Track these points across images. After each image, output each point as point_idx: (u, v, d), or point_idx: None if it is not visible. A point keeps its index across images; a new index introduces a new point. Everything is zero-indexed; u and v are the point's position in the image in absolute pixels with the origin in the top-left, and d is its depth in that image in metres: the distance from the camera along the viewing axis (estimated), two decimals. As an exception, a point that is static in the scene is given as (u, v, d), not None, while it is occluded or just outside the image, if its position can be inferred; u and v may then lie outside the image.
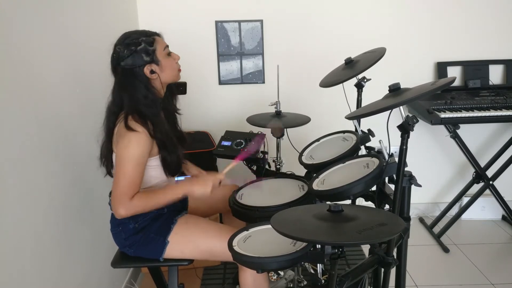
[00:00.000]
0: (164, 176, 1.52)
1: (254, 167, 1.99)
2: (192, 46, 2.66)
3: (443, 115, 2.39)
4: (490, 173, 2.66)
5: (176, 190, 1.46)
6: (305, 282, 1.94)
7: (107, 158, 1.51)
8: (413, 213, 3.03)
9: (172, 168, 1.51)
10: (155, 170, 1.49)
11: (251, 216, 1.54)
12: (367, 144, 1.72)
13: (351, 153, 1.64)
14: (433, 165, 2.96)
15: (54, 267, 1.44)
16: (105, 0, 2.09)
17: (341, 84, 1.72)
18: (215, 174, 1.52)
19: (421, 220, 2.98)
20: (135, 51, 1.40)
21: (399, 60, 2.70)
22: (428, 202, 3.06)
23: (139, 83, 1.42)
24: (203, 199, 1.72)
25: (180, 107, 1.67)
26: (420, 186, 1.37)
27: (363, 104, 1.69)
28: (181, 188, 1.47)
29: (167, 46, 1.50)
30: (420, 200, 3.03)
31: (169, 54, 1.50)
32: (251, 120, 2.00)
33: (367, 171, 1.37)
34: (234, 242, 1.27)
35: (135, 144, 1.36)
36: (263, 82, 2.76)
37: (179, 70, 1.55)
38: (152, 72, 1.43)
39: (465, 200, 2.81)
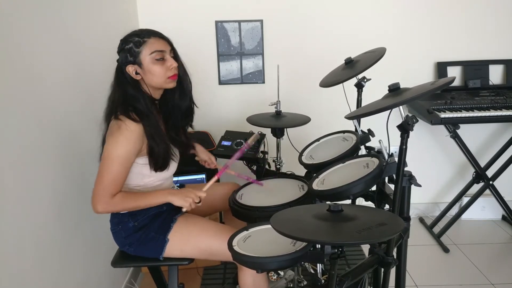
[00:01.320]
0: (154, 174, 1.50)
1: (254, 167, 1.99)
2: (192, 46, 2.66)
3: (443, 115, 2.39)
4: (490, 173, 2.66)
5: (156, 197, 1.45)
6: (305, 282, 1.94)
7: None
8: (413, 213, 3.03)
9: (159, 161, 1.47)
10: (146, 168, 1.48)
11: (251, 216, 1.54)
12: (367, 144, 1.72)
13: (351, 153, 1.64)
14: (433, 165, 2.96)
15: (54, 267, 1.44)
16: (105, 0, 2.09)
17: (341, 84, 1.72)
18: (195, 191, 1.49)
19: (421, 220, 2.99)
20: (123, 49, 1.42)
21: (399, 60, 2.70)
22: (428, 202, 3.06)
23: (126, 79, 1.43)
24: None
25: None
26: (420, 186, 1.37)
27: (363, 104, 1.69)
28: (161, 197, 1.45)
29: (160, 51, 1.42)
30: (420, 200, 3.03)
31: (161, 59, 1.43)
32: (251, 120, 2.00)
33: (367, 171, 1.37)
34: (234, 242, 1.27)
35: (123, 142, 1.36)
36: (263, 82, 2.76)
37: (172, 78, 1.47)
38: (136, 73, 1.43)
39: (465, 200, 2.81)
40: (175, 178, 2.11)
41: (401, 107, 1.22)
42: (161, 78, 1.45)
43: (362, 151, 1.73)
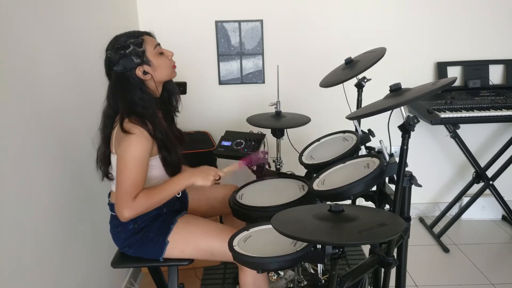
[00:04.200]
0: (160, 176, 1.51)
1: (254, 167, 1.99)
2: (192, 46, 2.66)
3: (443, 115, 2.39)
4: (490, 173, 2.67)
5: (178, 183, 1.45)
6: (305, 282, 1.94)
7: (103, 162, 1.51)
8: (413, 213, 3.03)
9: (172, 168, 1.50)
10: (155, 170, 1.49)
11: (251, 216, 1.54)
12: (367, 144, 1.72)
13: (351, 153, 1.64)
14: (433, 165, 2.96)
15: (54, 267, 1.44)
16: (105, 0, 2.09)
17: (341, 84, 1.72)
18: (216, 169, 1.50)
19: (421, 220, 2.99)
20: (125, 55, 1.39)
21: (399, 60, 2.70)
22: (428, 202, 3.06)
23: (132, 86, 1.41)
24: (203, 198, 1.75)
25: (180, 107, 1.66)
26: (420, 186, 1.37)
27: (363, 104, 1.69)
28: (182, 181, 1.45)
29: (158, 44, 1.47)
30: (420, 200, 3.03)
31: (161, 52, 1.47)
32: (251, 120, 2.00)
33: (368, 171, 1.37)
34: (235, 242, 1.27)
35: (135, 145, 1.35)
36: (263, 82, 2.75)
37: (174, 67, 1.52)
38: (144, 73, 1.42)
39: (465, 200, 2.81)
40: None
41: (402, 107, 1.22)
42: (168, 68, 1.49)
43: (363, 151, 1.72)
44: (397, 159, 1.31)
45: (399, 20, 2.69)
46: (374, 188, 1.55)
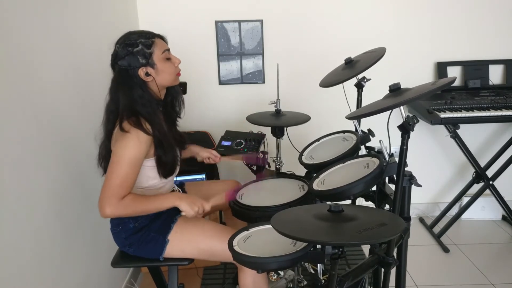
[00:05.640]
0: (159, 176, 1.51)
1: (254, 167, 1.99)
2: (192, 46, 2.66)
3: (443, 115, 2.39)
4: (490, 173, 2.66)
5: (165, 201, 1.43)
6: (305, 282, 1.94)
7: (105, 158, 1.51)
8: (413, 213, 3.03)
9: (166, 169, 1.49)
10: (152, 171, 1.48)
11: (251, 216, 1.54)
12: (367, 144, 1.72)
13: (351, 153, 1.64)
14: (433, 165, 2.96)
15: (54, 267, 1.44)
16: (105, 0, 2.09)
17: (341, 84, 1.72)
18: (203, 201, 1.48)
19: (421, 220, 2.99)
20: (132, 53, 1.40)
21: (399, 60, 2.70)
22: (428, 202, 3.06)
23: (134, 84, 1.42)
24: (203, 194, 1.74)
25: (183, 113, 1.66)
26: (420, 186, 1.37)
27: (363, 104, 1.69)
28: (170, 201, 1.44)
29: (168, 49, 1.48)
30: (420, 200, 3.03)
31: (169, 58, 1.48)
32: (251, 119, 2.00)
33: (367, 171, 1.37)
34: (234, 242, 1.27)
35: (132, 145, 1.35)
36: (263, 82, 2.75)
37: (178, 74, 1.54)
38: (147, 74, 1.43)
39: (465, 200, 2.81)
40: (175, 178, 2.10)
41: (401, 107, 1.22)
42: (172, 75, 1.50)
43: (362, 151, 1.72)
44: (396, 159, 1.31)
45: (399, 20, 2.69)
46: (374, 188, 1.55)
